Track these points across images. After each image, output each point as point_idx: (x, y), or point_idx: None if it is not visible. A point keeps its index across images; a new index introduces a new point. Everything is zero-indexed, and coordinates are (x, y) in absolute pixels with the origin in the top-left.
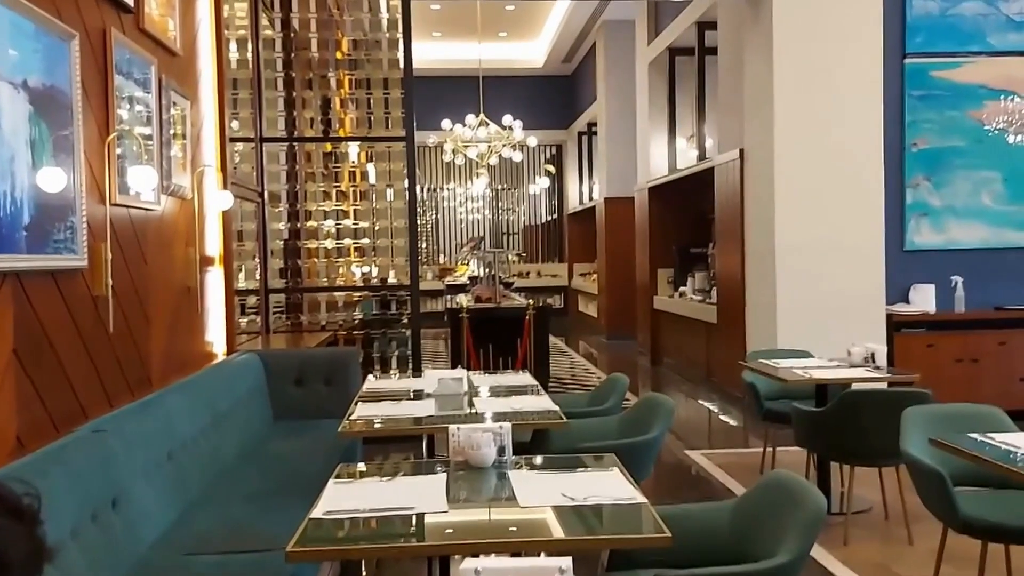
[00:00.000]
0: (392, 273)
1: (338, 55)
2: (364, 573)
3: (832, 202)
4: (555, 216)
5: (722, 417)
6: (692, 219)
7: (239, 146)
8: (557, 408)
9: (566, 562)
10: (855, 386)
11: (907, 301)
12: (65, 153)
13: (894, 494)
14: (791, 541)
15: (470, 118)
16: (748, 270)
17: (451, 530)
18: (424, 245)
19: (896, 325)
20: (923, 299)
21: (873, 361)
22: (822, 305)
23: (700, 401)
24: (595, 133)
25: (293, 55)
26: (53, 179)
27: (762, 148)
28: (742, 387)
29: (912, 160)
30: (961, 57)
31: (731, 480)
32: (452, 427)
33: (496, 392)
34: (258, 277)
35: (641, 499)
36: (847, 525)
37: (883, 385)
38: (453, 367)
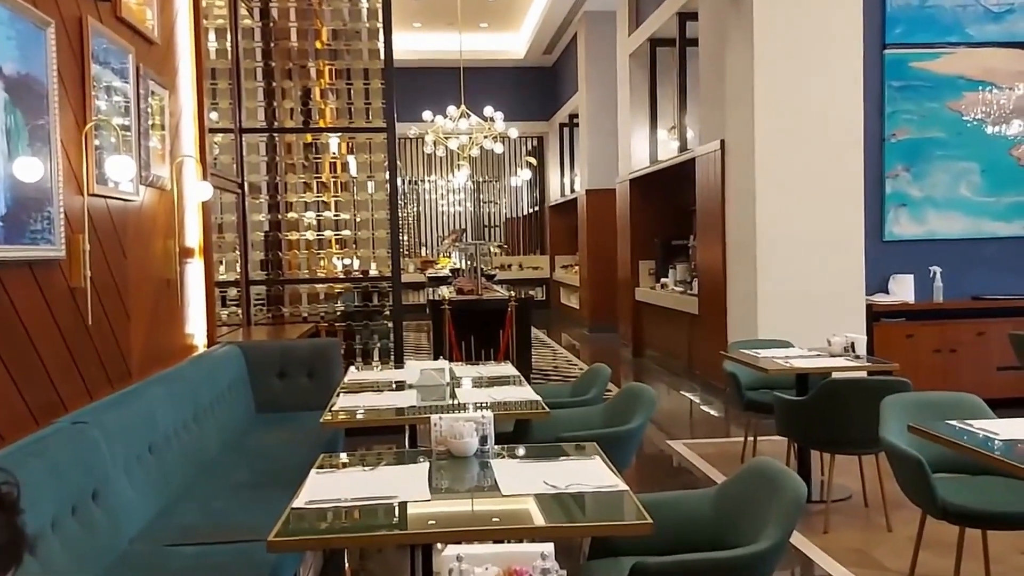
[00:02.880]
0: (373, 265)
1: (318, 45)
2: (347, 563)
3: (812, 193)
4: (537, 208)
5: (704, 407)
6: (673, 211)
7: (218, 137)
8: (539, 398)
9: (548, 548)
10: (835, 375)
11: (886, 291)
12: (41, 143)
13: (873, 482)
14: (771, 528)
15: (451, 109)
16: (729, 261)
17: (433, 520)
18: (405, 237)
19: (875, 315)
20: (902, 289)
21: (853, 351)
22: (802, 295)
23: (682, 392)
24: (576, 125)
25: (272, 45)
26: (29, 169)
27: (743, 139)
28: (724, 377)
29: (891, 151)
30: (940, 48)
31: (712, 470)
32: (434, 417)
33: (478, 383)
34: (238, 269)
35: (623, 487)
36: (827, 513)
37: (863, 374)
38: (435, 358)
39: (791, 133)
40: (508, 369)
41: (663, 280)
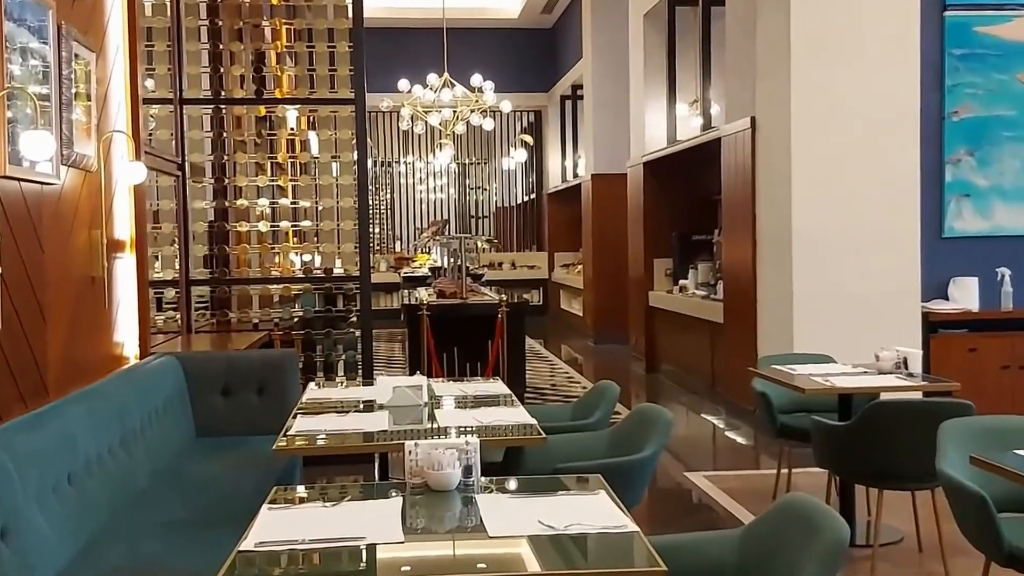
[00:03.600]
0: (338, 262)
1: (273, 0)
2: None
3: (859, 181)
4: (533, 196)
5: (729, 433)
6: (695, 200)
7: (155, 109)
8: (534, 422)
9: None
10: (884, 396)
11: (946, 297)
12: None
13: (929, 522)
14: None
15: (432, 78)
16: (760, 260)
17: (408, 566)
18: (377, 229)
19: (932, 325)
20: (964, 295)
21: (905, 367)
22: (847, 302)
23: (703, 415)
24: (580, 97)
25: (220, 0)
26: None
27: (777, 116)
28: (752, 398)
29: (952, 131)
30: (1011, 10)
31: (738, 507)
32: (409, 444)
33: (462, 403)
34: (177, 266)
35: (632, 527)
36: (874, 559)
37: (917, 395)
38: (411, 374)
39: (833, 110)
40: (497, 387)
41: (682, 282)
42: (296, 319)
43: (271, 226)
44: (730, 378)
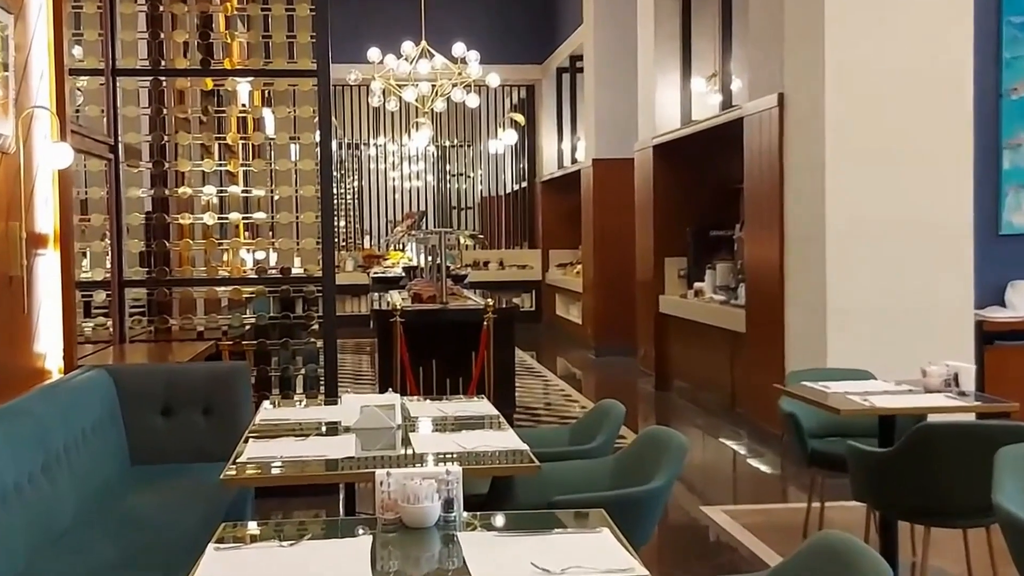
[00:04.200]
0: (297, 261)
1: None
2: None
3: (903, 168)
4: (524, 185)
5: (751, 461)
6: (713, 190)
7: (83, 81)
8: (526, 447)
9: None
10: (932, 418)
11: (1003, 304)
12: None
13: (983, 565)
14: None
15: (407, 47)
16: (789, 260)
17: None
18: (342, 223)
19: (988, 336)
20: None
21: (956, 384)
22: (889, 309)
23: (722, 439)
24: (580, 70)
25: None
26: None
27: (808, 92)
28: (779, 420)
29: (1011, 111)
30: None
31: (763, 547)
32: (380, 473)
33: (441, 425)
34: (109, 265)
35: (641, 571)
36: None
37: (970, 417)
38: (382, 391)
39: (874, 85)
40: (483, 406)
41: (697, 285)
42: (248, 327)
43: (219, 219)
44: (753, 397)
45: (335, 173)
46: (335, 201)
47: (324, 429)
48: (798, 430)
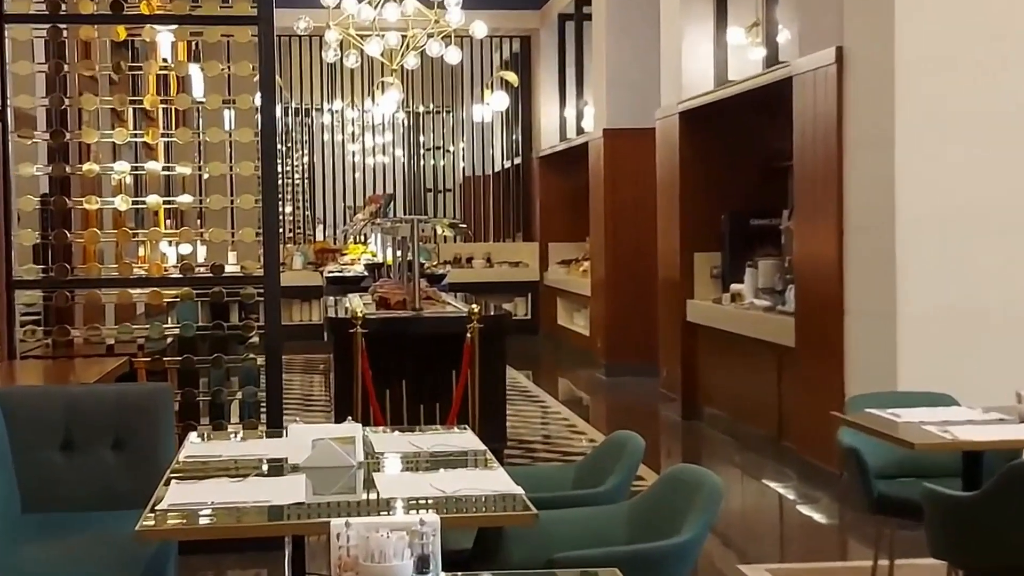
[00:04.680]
0: (233, 256)
1: None
2: None
3: (995, 143)
4: (517, 161)
5: (803, 508)
6: (754, 168)
7: None
8: (520, 491)
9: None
10: None
11: None
12: None
13: None
14: None
15: None
16: (849, 256)
17: None
18: (289, 208)
19: None
20: None
21: None
22: (975, 318)
23: (765, 480)
24: (588, 18)
25: None
26: None
27: (876, 47)
28: (838, 456)
29: None
30: None
31: None
32: (337, 523)
33: (413, 463)
34: None
35: None
36: None
37: None
38: (339, 420)
39: (959, 37)
40: (466, 439)
41: (734, 287)
42: (170, 339)
43: (134, 203)
44: (805, 427)
45: (280, 146)
46: (280, 182)
47: (266, 468)
48: (861, 469)
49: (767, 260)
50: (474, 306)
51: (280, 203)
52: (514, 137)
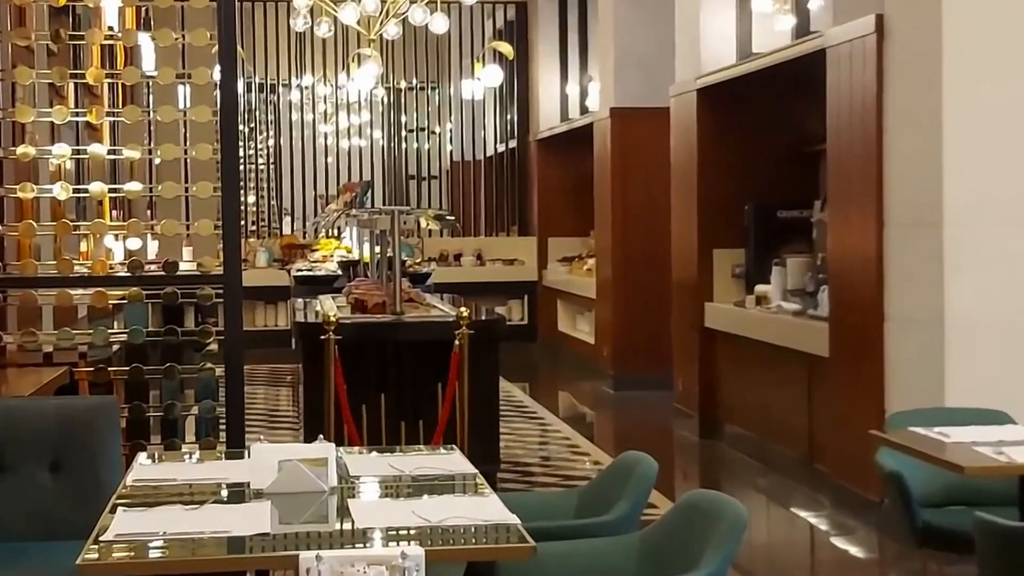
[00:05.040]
0: (188, 252)
1: None
2: None
3: None
4: (513, 145)
5: (837, 540)
6: (782, 152)
7: None
8: (516, 520)
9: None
10: None
11: None
12: None
13: None
14: None
15: None
16: (891, 254)
17: None
18: (253, 198)
19: None
20: None
21: None
22: None
23: (795, 508)
24: None
25: None
26: None
27: (921, 16)
28: (877, 482)
29: None
30: None
31: None
32: (307, 556)
33: (394, 489)
34: None
35: None
36: None
37: None
38: (309, 439)
39: (1013, 6)
40: (454, 461)
41: (760, 289)
42: (117, 347)
43: (75, 191)
44: (840, 448)
45: (242, 127)
46: (242, 167)
47: (226, 494)
48: (904, 496)
49: (797, 258)
50: (463, 310)
51: (242, 192)
52: (509, 117)
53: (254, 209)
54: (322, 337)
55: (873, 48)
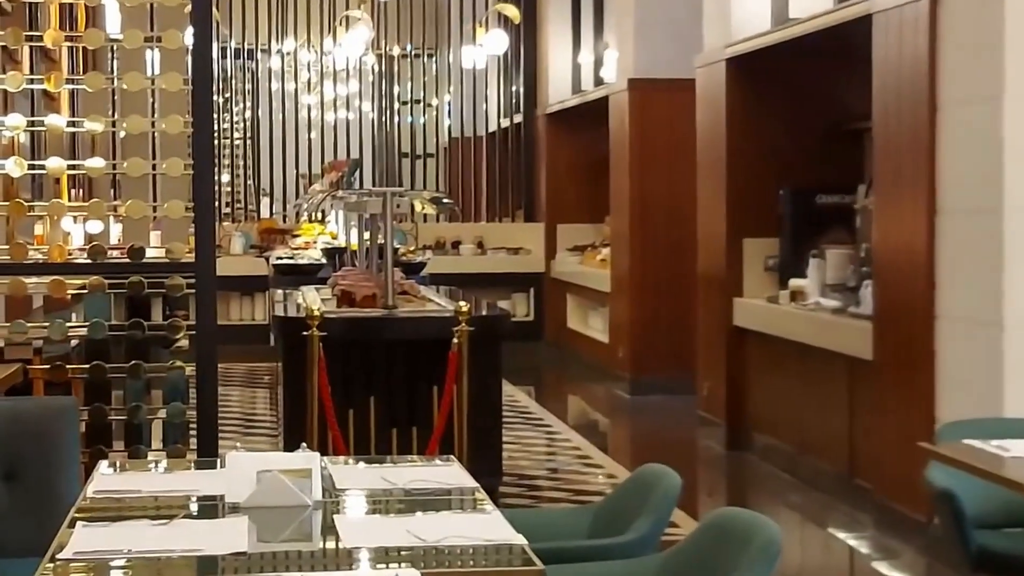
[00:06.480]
0: (155, 237)
1: None
2: None
3: None
4: (519, 119)
5: (880, 565)
6: (821, 130)
7: None
8: (522, 540)
9: None
10: None
11: None
12: None
13: None
14: None
15: None
16: (943, 245)
17: None
18: (228, 177)
19: None
20: None
21: None
22: None
23: (833, 529)
24: None
25: None
26: None
27: None
28: (926, 500)
29: None
30: None
31: None
32: None
33: (385, 504)
34: None
35: None
36: None
37: None
38: (290, 447)
39: None
40: (452, 474)
41: (795, 283)
42: (75, 342)
43: (30, 167)
44: (884, 462)
45: (217, 97)
46: (217, 142)
47: (197, 508)
48: (957, 516)
49: (837, 249)
50: (462, 304)
51: (216, 170)
52: (514, 88)
53: (229, 189)
54: (304, 333)
55: (926, 13)
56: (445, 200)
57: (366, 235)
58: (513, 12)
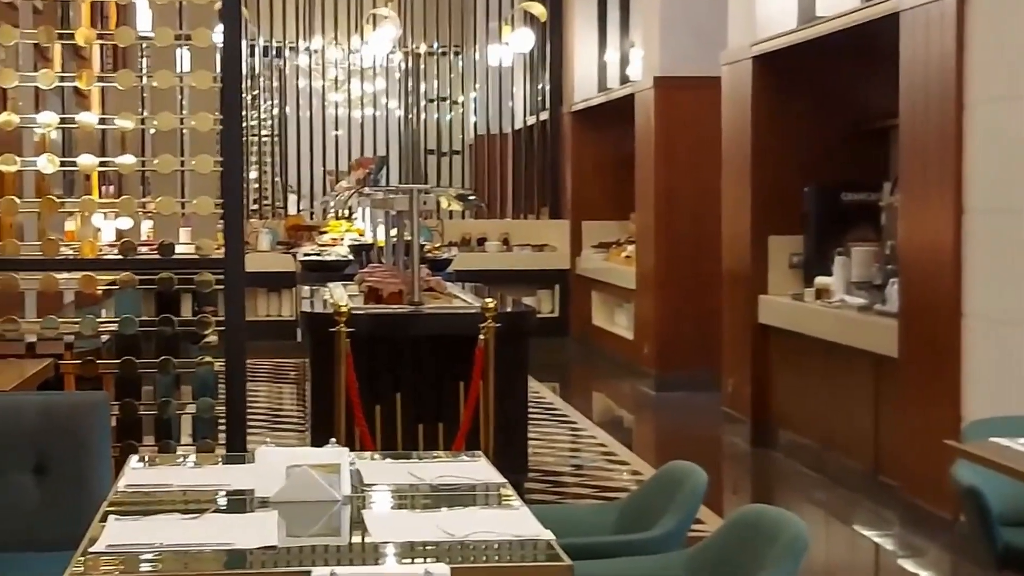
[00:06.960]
0: (185, 234)
1: None
2: None
3: None
4: (544, 117)
5: (906, 562)
6: (847, 128)
7: None
8: (549, 535)
9: None
10: None
11: None
12: None
13: None
14: None
15: None
16: (970, 243)
17: None
18: (256, 174)
19: None
20: None
21: None
22: None
23: (858, 526)
24: None
25: None
26: None
27: None
28: (952, 497)
29: None
30: None
31: None
32: (320, 573)
33: (413, 499)
34: None
35: None
36: None
37: None
38: (318, 443)
39: None
40: (478, 469)
41: (820, 281)
42: (106, 338)
43: (62, 164)
44: (910, 460)
45: (246, 95)
46: (246, 140)
47: (226, 502)
48: (983, 513)
49: (862, 246)
50: (488, 300)
51: (245, 167)
52: (540, 86)
53: (257, 186)
54: (332, 329)
55: (953, 11)
56: (471, 197)
57: (392, 232)
58: (539, 10)
